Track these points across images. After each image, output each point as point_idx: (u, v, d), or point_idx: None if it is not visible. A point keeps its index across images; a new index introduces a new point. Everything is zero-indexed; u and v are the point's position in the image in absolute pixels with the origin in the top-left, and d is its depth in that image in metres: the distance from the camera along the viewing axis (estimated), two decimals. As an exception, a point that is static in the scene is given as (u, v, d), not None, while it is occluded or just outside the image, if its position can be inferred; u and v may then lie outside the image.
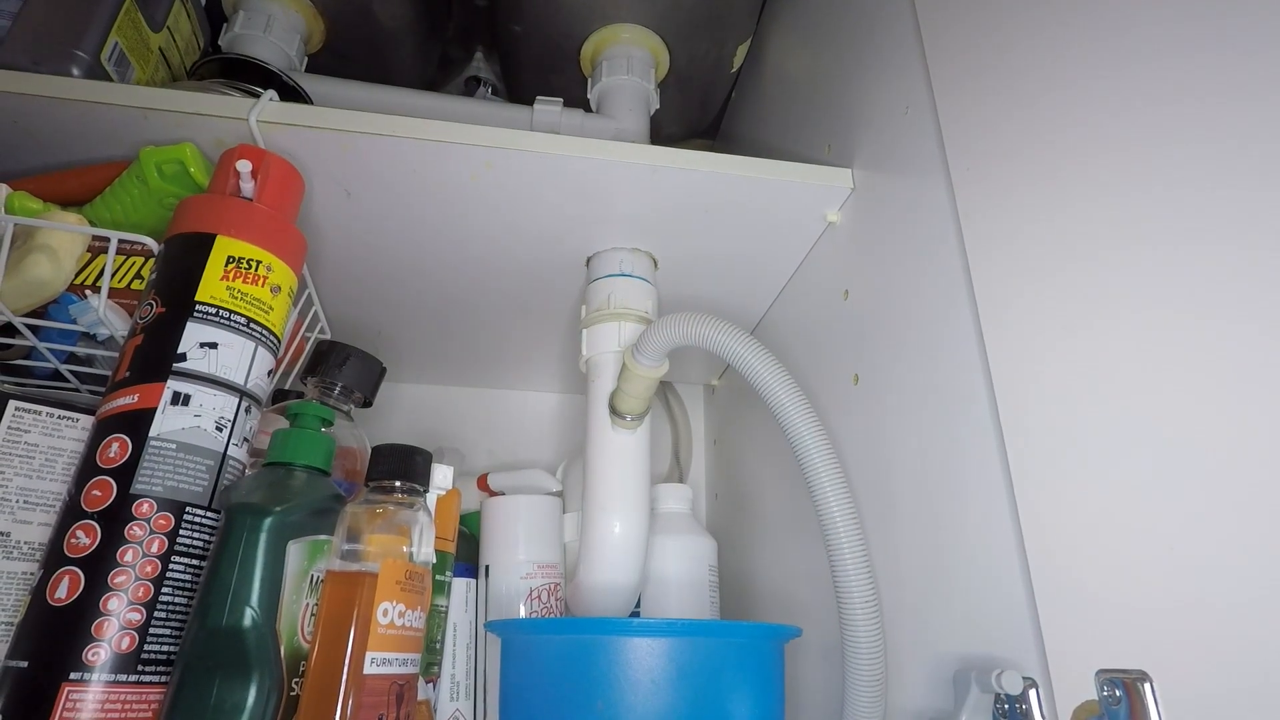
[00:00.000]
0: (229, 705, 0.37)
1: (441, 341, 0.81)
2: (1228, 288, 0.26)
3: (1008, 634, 0.35)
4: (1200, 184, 0.27)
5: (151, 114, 0.48)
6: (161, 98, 0.48)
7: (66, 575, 0.37)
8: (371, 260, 0.64)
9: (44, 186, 0.50)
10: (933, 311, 0.43)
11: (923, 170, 0.46)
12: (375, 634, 0.38)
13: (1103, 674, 0.28)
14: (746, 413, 0.78)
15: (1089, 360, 0.31)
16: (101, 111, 0.48)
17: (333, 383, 0.55)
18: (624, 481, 0.58)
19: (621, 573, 0.58)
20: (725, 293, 0.70)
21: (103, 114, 0.48)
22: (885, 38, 0.52)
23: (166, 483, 0.40)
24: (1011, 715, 0.33)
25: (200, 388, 0.42)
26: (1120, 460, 0.29)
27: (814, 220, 0.59)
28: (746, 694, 0.43)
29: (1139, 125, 0.30)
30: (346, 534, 0.41)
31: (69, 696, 0.35)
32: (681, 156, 0.54)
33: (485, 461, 0.87)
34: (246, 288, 0.44)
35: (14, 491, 0.45)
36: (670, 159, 0.53)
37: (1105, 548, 0.30)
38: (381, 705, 0.38)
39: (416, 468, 0.45)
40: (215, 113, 0.48)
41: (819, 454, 0.46)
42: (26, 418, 0.46)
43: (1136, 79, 0.31)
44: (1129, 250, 0.30)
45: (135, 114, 0.48)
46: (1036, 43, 0.37)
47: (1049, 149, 0.35)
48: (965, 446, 0.39)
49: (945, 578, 0.40)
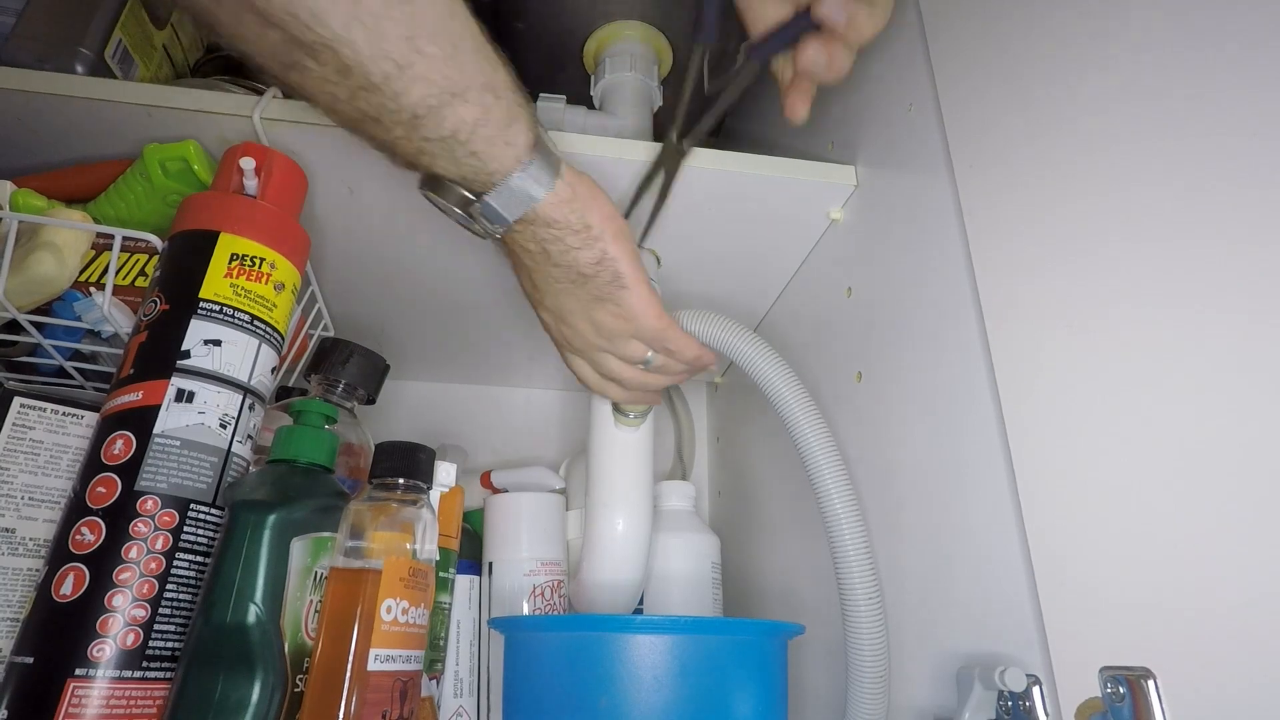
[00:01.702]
0: (233, 701, 0.37)
1: (445, 339, 0.81)
2: (1234, 284, 0.26)
3: (1011, 631, 0.35)
4: (1205, 179, 0.27)
5: (155, 111, 0.48)
6: (165, 95, 0.48)
7: (71, 572, 0.38)
8: (375, 257, 0.64)
9: (48, 184, 0.50)
10: (936, 308, 0.43)
11: (926, 167, 0.46)
12: (379, 631, 0.39)
13: (1106, 671, 0.28)
14: (749, 410, 0.78)
15: (1093, 356, 0.31)
16: (105, 109, 0.48)
17: (336, 380, 0.55)
18: (627, 479, 0.58)
19: (624, 570, 0.58)
20: (728, 290, 0.70)
21: (107, 111, 0.48)
22: (889, 35, 0.52)
23: (171, 479, 0.40)
24: (1015, 712, 0.33)
25: (204, 385, 0.42)
26: (1124, 457, 0.29)
27: (817, 217, 0.59)
28: (749, 691, 0.43)
29: (1142, 121, 0.30)
30: (350, 531, 0.41)
31: (74, 692, 0.36)
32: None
33: (488, 459, 0.87)
34: (250, 285, 0.45)
35: (19, 488, 0.45)
36: (673, 156, 0.53)
37: (1109, 544, 0.30)
38: (385, 702, 0.38)
39: (420, 465, 0.45)
40: (219, 110, 0.48)
41: (822, 451, 0.46)
42: (31, 414, 0.46)
43: (1139, 75, 0.30)
44: (1133, 246, 0.30)
45: (139, 111, 0.48)
46: (1039, 40, 0.37)
47: (1052, 145, 0.35)
48: (968, 443, 0.39)
49: (949, 575, 0.40)
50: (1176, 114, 0.29)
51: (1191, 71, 0.28)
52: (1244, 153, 0.26)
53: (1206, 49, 0.28)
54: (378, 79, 0.33)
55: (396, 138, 0.36)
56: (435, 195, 0.38)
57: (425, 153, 0.36)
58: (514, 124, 0.38)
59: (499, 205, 0.39)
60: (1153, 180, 0.29)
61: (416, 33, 0.33)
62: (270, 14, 0.30)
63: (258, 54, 0.33)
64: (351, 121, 0.36)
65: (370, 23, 0.31)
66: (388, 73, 0.33)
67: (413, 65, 0.33)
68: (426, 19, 0.33)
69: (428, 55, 0.33)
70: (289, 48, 0.32)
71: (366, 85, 0.33)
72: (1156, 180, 0.29)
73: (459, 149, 0.36)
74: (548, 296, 0.46)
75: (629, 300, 0.45)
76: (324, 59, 0.32)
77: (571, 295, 0.45)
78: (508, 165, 0.38)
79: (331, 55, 0.32)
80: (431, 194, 0.39)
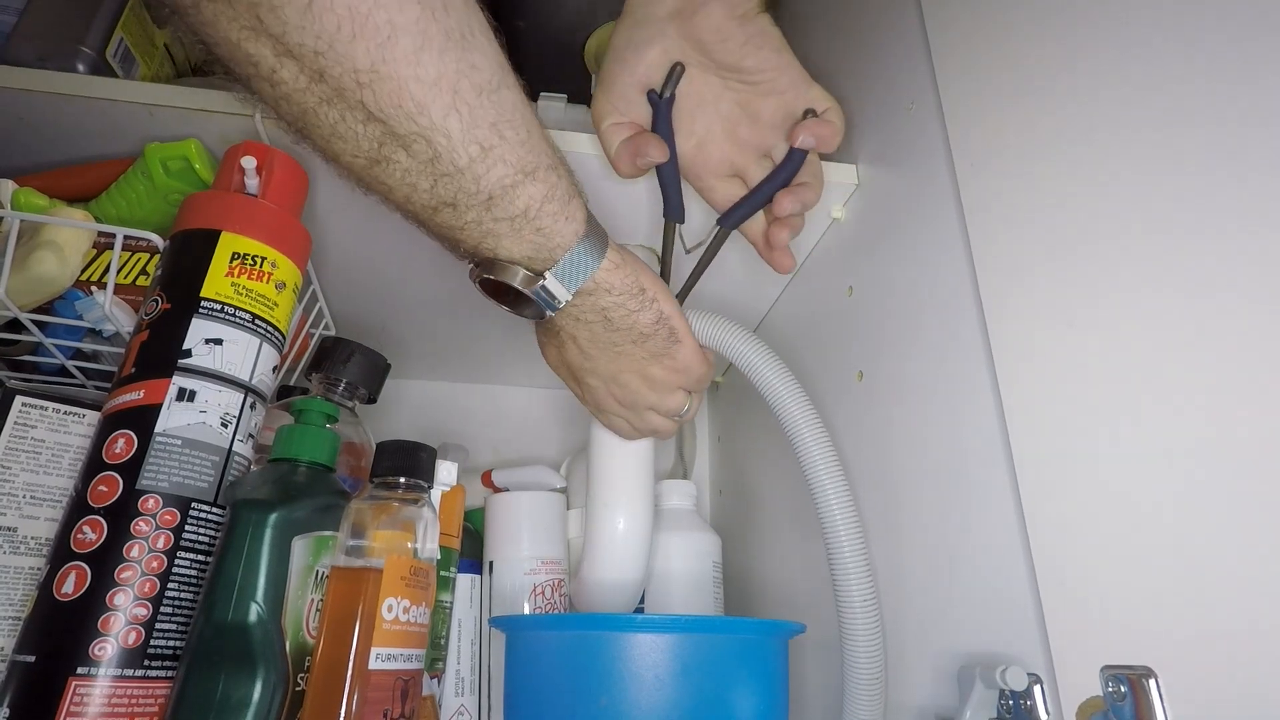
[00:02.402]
0: (235, 700, 0.37)
1: (446, 338, 0.81)
2: (1237, 283, 0.26)
3: (1012, 630, 0.35)
4: (1208, 177, 0.27)
5: (157, 110, 0.48)
6: (167, 94, 0.48)
7: (73, 570, 0.38)
8: (376, 256, 0.64)
9: (50, 182, 0.50)
10: (937, 308, 0.43)
11: (927, 166, 0.46)
12: (380, 629, 0.39)
13: (1107, 670, 0.28)
14: (750, 409, 0.78)
15: (1094, 356, 0.31)
16: (107, 108, 0.48)
17: (337, 379, 0.55)
18: (628, 478, 0.58)
19: (625, 569, 0.58)
20: (729, 289, 0.70)
21: (108, 110, 0.48)
22: (889, 33, 0.52)
23: (172, 478, 0.40)
24: (1016, 711, 0.33)
25: (205, 384, 0.42)
26: (1126, 455, 0.29)
27: (818, 216, 0.59)
28: (750, 690, 0.43)
29: (1145, 118, 0.30)
30: (351, 530, 0.41)
31: (76, 691, 0.36)
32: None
33: (490, 458, 0.87)
34: (251, 284, 0.45)
35: (20, 487, 0.45)
36: (674, 155, 0.53)
37: (1110, 543, 0.30)
38: (386, 700, 0.38)
39: (421, 464, 0.45)
40: (220, 109, 0.48)
41: (819, 452, 0.46)
42: (33, 413, 0.46)
43: (1141, 72, 0.30)
44: (1136, 245, 0.30)
45: (140, 110, 0.48)
46: (1041, 37, 0.37)
47: (1054, 143, 0.35)
48: (969, 443, 0.39)
49: (949, 574, 0.40)
50: (1179, 110, 0.29)
51: (1194, 67, 0.28)
52: (1247, 149, 0.26)
53: (1209, 44, 0.28)
54: (463, 163, 0.36)
55: (467, 222, 0.38)
56: (494, 277, 0.41)
57: (492, 234, 0.39)
58: (573, 200, 0.41)
59: (561, 279, 0.41)
60: (1156, 178, 0.29)
61: (500, 119, 0.36)
62: (378, 109, 0.33)
63: (346, 151, 0.36)
64: (425, 209, 0.38)
65: (465, 111, 0.35)
66: (473, 156, 0.36)
67: (495, 148, 0.36)
68: (507, 105, 0.36)
69: (507, 139, 0.36)
70: (383, 142, 0.35)
71: (451, 171, 0.36)
72: (1159, 178, 0.29)
73: (526, 226, 0.39)
74: (601, 363, 0.49)
75: (682, 354, 0.49)
76: (416, 149, 0.35)
77: (628, 357, 0.49)
78: (569, 239, 0.41)
79: (425, 145, 0.35)
80: (490, 276, 0.41)
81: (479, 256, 0.42)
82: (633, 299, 0.45)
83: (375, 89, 0.33)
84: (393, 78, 0.33)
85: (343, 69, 0.32)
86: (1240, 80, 0.26)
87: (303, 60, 0.32)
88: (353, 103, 0.33)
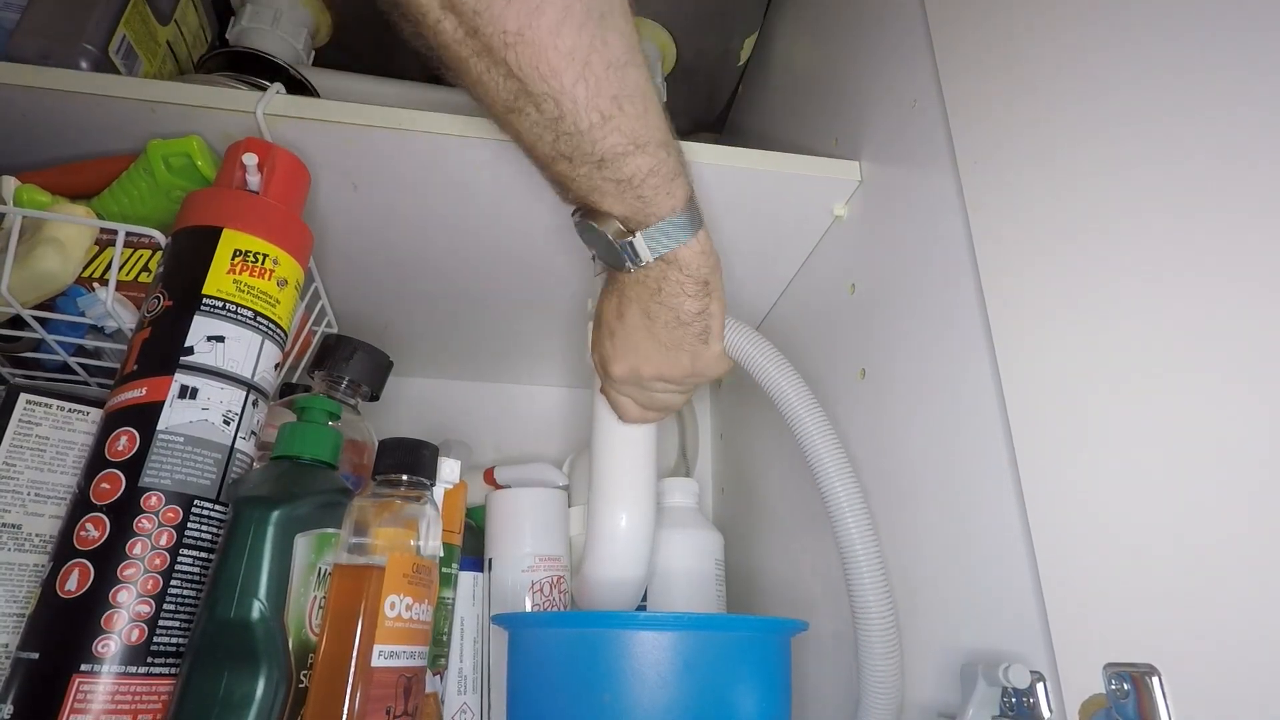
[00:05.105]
0: (237, 697, 0.37)
1: (448, 336, 0.81)
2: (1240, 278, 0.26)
3: (1015, 627, 0.35)
4: (1212, 173, 0.27)
5: (159, 107, 0.48)
6: (169, 91, 0.48)
7: (76, 568, 0.38)
8: (378, 254, 0.64)
9: (52, 179, 0.50)
10: (940, 305, 0.43)
11: (930, 163, 0.45)
12: (383, 627, 0.39)
13: (1110, 668, 0.28)
14: (753, 407, 0.78)
15: (1096, 353, 0.31)
16: (109, 105, 0.48)
17: (340, 376, 0.55)
18: (630, 475, 0.58)
19: (627, 566, 0.58)
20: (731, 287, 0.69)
21: (110, 107, 0.48)
22: (893, 30, 0.52)
23: (175, 476, 0.40)
24: (1019, 709, 0.33)
25: (207, 381, 0.42)
26: (1128, 452, 0.29)
27: (821, 213, 0.59)
28: (752, 687, 0.43)
29: (1148, 115, 0.30)
30: (354, 527, 0.41)
31: (79, 688, 0.36)
32: (688, 149, 0.53)
33: (492, 455, 0.87)
34: (253, 281, 0.45)
35: (25, 484, 0.45)
36: (677, 152, 0.53)
37: (1113, 540, 0.29)
38: (389, 698, 0.38)
39: (423, 461, 0.45)
40: (222, 106, 0.48)
41: (826, 448, 0.46)
42: (37, 411, 0.46)
43: (1144, 68, 0.30)
44: (1139, 242, 0.30)
45: (142, 107, 0.48)
46: (1043, 33, 0.37)
47: (1057, 140, 0.35)
48: (972, 439, 0.39)
49: (952, 571, 0.40)
50: (1182, 106, 0.28)
51: (1197, 63, 0.28)
52: (1249, 144, 0.26)
53: (1212, 40, 0.28)
54: (584, 126, 0.40)
55: (579, 175, 0.43)
56: (593, 223, 0.45)
57: (598, 190, 0.43)
58: (676, 179, 0.44)
59: (647, 241, 0.45)
60: (1159, 175, 0.29)
61: (621, 93, 0.40)
62: (518, 67, 0.38)
63: (488, 96, 0.41)
64: (546, 158, 0.43)
65: (592, 82, 0.39)
66: (593, 122, 0.40)
67: (613, 118, 0.40)
68: (630, 82, 0.40)
69: (625, 112, 0.40)
70: (518, 96, 0.39)
71: (572, 131, 0.40)
72: (1163, 175, 0.29)
73: (629, 191, 0.43)
74: (631, 317, 0.51)
75: (706, 355, 0.51)
76: (545, 108, 0.39)
77: (657, 333, 0.50)
78: (664, 211, 0.44)
79: (553, 105, 0.39)
80: (590, 222, 0.45)
81: (585, 204, 0.45)
82: (694, 284, 0.48)
83: (518, 50, 0.37)
84: (535, 43, 0.37)
85: (494, 29, 0.37)
86: (1242, 75, 0.26)
87: (462, 16, 0.37)
88: (498, 59, 0.38)
